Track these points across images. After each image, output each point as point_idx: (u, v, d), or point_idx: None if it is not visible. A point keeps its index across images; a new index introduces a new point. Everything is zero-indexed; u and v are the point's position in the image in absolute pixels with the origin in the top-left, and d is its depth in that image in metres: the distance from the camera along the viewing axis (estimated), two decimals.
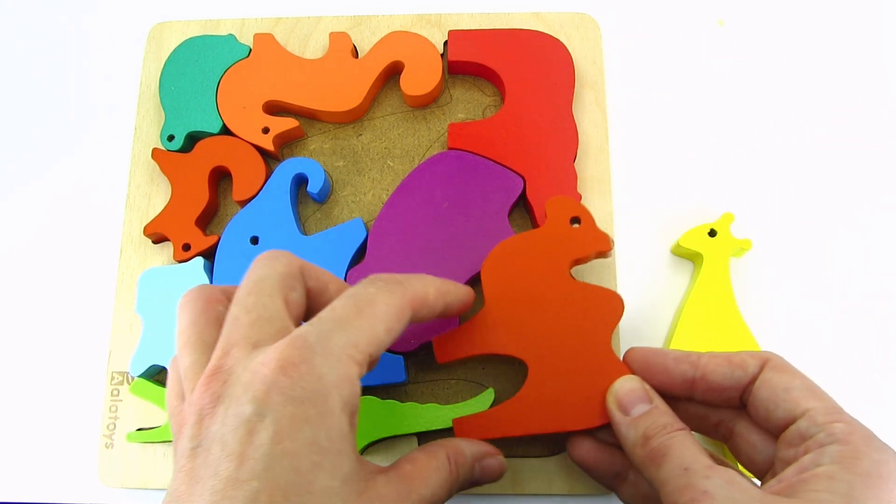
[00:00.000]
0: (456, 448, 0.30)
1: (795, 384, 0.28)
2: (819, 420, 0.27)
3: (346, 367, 0.25)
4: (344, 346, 0.25)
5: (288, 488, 0.22)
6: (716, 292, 0.39)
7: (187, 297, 0.29)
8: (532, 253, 0.36)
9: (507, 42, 0.43)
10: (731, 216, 0.40)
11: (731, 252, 0.40)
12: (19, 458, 0.41)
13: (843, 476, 0.25)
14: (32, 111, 0.47)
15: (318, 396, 0.24)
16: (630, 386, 0.31)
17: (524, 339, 0.35)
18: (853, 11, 0.47)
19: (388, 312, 0.27)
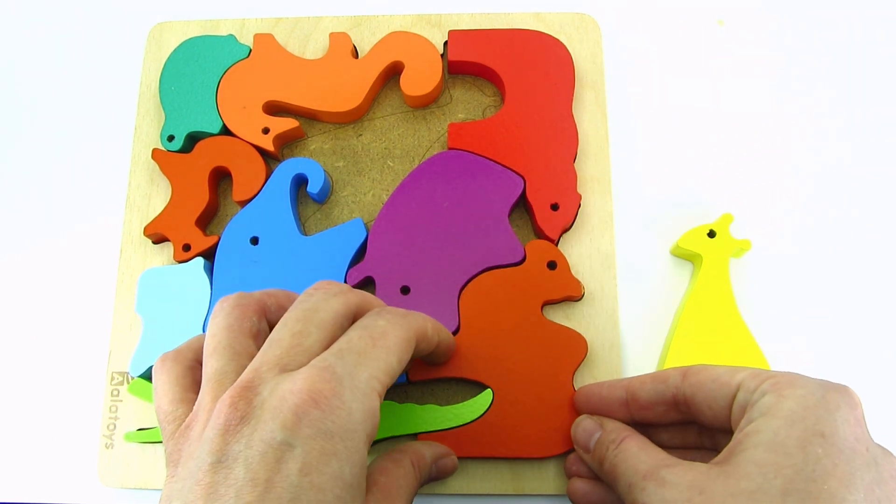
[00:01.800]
0: (417, 453, 0.32)
1: (719, 372, 0.29)
2: (750, 385, 0.27)
3: (371, 400, 0.25)
4: (368, 380, 0.26)
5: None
6: (715, 293, 0.39)
7: (225, 302, 0.29)
8: (509, 289, 0.39)
9: (507, 42, 0.43)
10: (731, 217, 0.40)
11: (731, 253, 0.40)
12: (19, 458, 0.41)
13: (768, 424, 0.25)
14: (33, 111, 0.47)
15: (347, 431, 0.24)
16: (583, 425, 0.34)
17: (492, 368, 0.38)
18: (853, 11, 0.47)
19: (399, 345, 0.28)
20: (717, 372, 0.29)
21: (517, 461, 0.38)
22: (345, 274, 0.40)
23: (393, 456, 0.31)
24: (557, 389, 0.37)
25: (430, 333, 0.31)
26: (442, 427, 0.37)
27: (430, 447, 0.33)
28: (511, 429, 0.37)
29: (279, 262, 0.40)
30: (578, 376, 0.39)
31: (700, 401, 0.29)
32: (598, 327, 0.40)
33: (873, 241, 0.42)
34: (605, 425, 0.33)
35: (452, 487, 0.38)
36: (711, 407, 0.29)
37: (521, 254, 0.39)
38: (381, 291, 0.39)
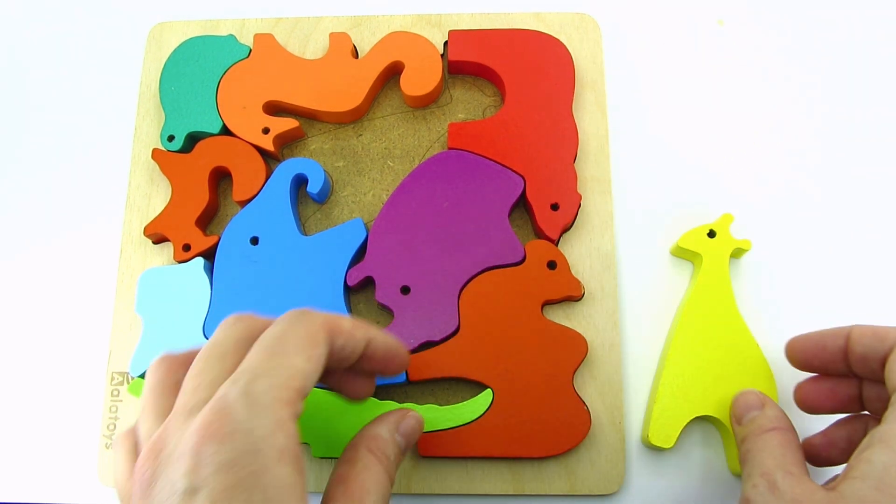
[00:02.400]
0: (372, 436, 0.30)
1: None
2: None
3: (275, 412, 0.24)
4: (268, 391, 0.24)
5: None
6: (715, 293, 0.39)
7: (150, 366, 0.28)
8: (509, 289, 0.39)
9: (507, 42, 0.43)
10: (731, 217, 0.40)
11: (731, 252, 0.39)
12: (19, 458, 0.41)
13: (880, 456, 0.26)
14: (33, 111, 0.47)
15: (248, 455, 0.22)
16: (745, 397, 0.34)
17: (492, 368, 0.38)
18: (853, 11, 0.47)
19: (300, 342, 0.26)
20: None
21: (517, 461, 0.38)
22: (345, 274, 0.40)
23: (348, 453, 0.29)
24: (557, 389, 0.37)
25: (346, 327, 0.28)
26: (442, 427, 0.37)
27: (384, 423, 0.31)
28: (511, 429, 0.37)
29: (279, 262, 0.40)
30: (578, 376, 0.39)
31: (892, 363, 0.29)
32: (598, 327, 0.40)
33: (873, 240, 0.42)
34: (766, 409, 0.33)
35: (452, 487, 0.38)
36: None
37: (521, 254, 0.39)
38: (381, 291, 0.39)
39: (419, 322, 0.38)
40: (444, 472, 0.38)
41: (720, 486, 0.38)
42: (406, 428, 0.31)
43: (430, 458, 0.38)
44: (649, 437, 0.37)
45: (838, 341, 0.32)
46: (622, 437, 0.38)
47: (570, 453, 0.38)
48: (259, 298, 0.39)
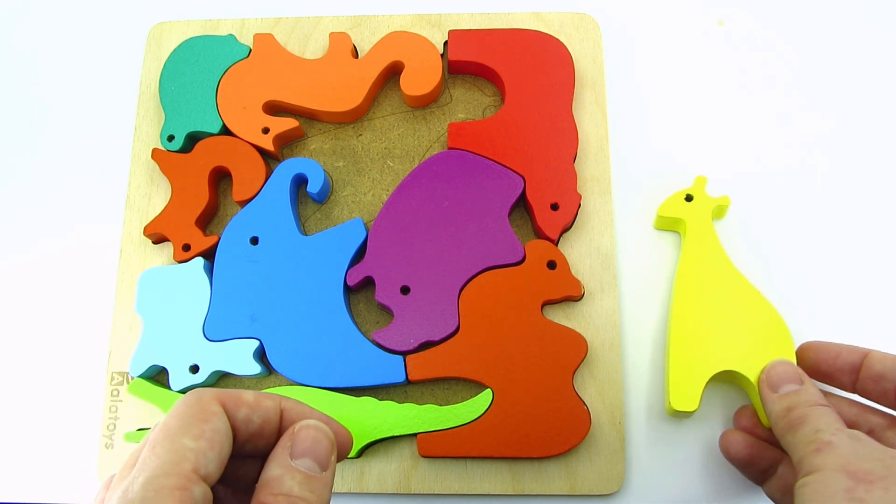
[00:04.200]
0: (262, 485, 0.25)
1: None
2: None
3: (162, 499, 0.22)
4: (148, 487, 0.22)
5: None
6: (705, 252, 0.39)
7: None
8: (509, 289, 0.39)
9: (507, 42, 0.43)
10: (704, 178, 0.40)
11: (712, 212, 0.40)
12: (19, 458, 0.41)
13: None
14: (33, 111, 0.47)
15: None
16: (783, 368, 0.34)
17: (492, 368, 0.38)
18: (853, 11, 0.47)
19: (186, 422, 0.24)
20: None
21: (517, 461, 0.38)
22: (345, 274, 0.40)
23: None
24: (557, 389, 0.37)
25: (248, 398, 0.26)
26: (442, 427, 0.37)
27: (272, 460, 0.25)
28: (511, 429, 0.37)
29: (279, 262, 0.40)
30: (578, 376, 0.39)
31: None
32: (598, 327, 0.40)
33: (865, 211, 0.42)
34: (808, 385, 0.33)
35: (452, 487, 0.38)
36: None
37: (521, 254, 0.39)
38: (380, 291, 0.39)
39: (419, 322, 0.38)
40: (444, 472, 0.38)
41: (721, 486, 0.38)
42: (305, 444, 0.26)
43: (430, 458, 0.38)
44: (672, 404, 0.36)
45: (853, 357, 0.33)
46: (622, 437, 0.38)
47: (570, 453, 0.38)
48: (259, 298, 0.39)
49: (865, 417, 0.34)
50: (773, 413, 0.33)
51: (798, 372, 0.34)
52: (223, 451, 0.24)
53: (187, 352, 0.39)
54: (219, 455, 0.24)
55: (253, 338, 0.39)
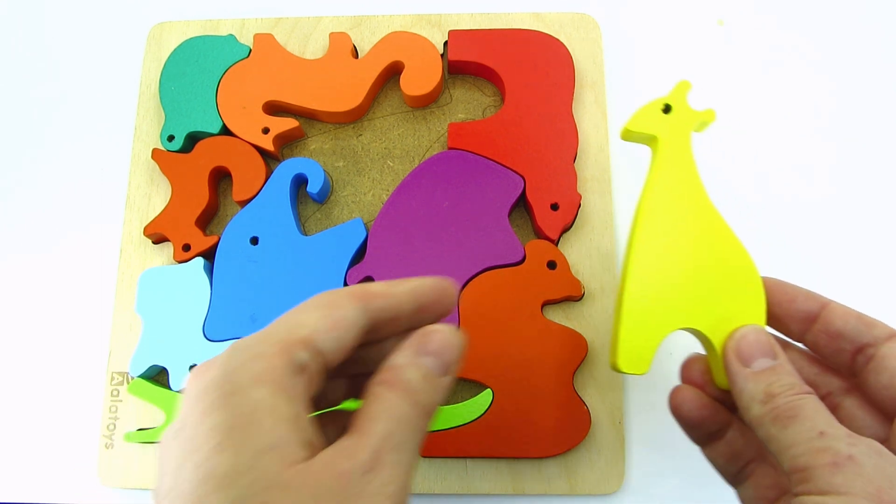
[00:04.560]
0: (385, 368, 0.25)
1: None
2: None
3: (255, 349, 0.23)
4: (255, 338, 0.24)
5: (186, 485, 0.21)
6: (678, 180, 0.31)
7: None
8: (509, 289, 0.39)
9: (507, 42, 0.43)
10: (688, 84, 0.32)
11: (692, 127, 0.32)
12: (19, 458, 0.41)
13: None
14: (33, 111, 0.47)
15: (215, 384, 0.22)
16: (755, 337, 0.29)
17: (492, 368, 0.37)
18: (853, 11, 0.47)
19: (316, 305, 0.25)
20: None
21: (517, 461, 0.38)
22: (345, 274, 0.40)
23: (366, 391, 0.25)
24: (557, 389, 0.37)
25: (379, 289, 0.26)
26: (442, 427, 0.37)
27: (400, 349, 0.26)
28: (511, 429, 0.37)
29: (279, 262, 0.40)
30: (578, 376, 0.39)
31: (887, 367, 0.27)
32: (598, 327, 0.40)
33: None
34: (781, 357, 0.28)
35: (452, 487, 0.38)
36: (888, 383, 0.27)
37: (521, 254, 0.40)
38: None
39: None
40: (444, 472, 0.38)
41: (720, 486, 0.38)
42: (433, 346, 0.26)
43: (430, 458, 0.38)
44: (618, 363, 0.30)
45: (810, 304, 0.29)
46: (622, 437, 0.38)
47: (570, 453, 0.38)
48: (259, 298, 0.39)
49: (825, 379, 0.30)
50: (747, 393, 0.27)
51: (772, 342, 0.29)
52: (345, 337, 0.24)
53: (187, 352, 0.39)
54: (339, 339, 0.24)
55: None
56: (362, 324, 0.25)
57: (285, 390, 0.22)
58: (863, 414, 0.29)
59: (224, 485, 0.20)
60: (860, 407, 0.29)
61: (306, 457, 0.21)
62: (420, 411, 0.24)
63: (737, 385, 0.28)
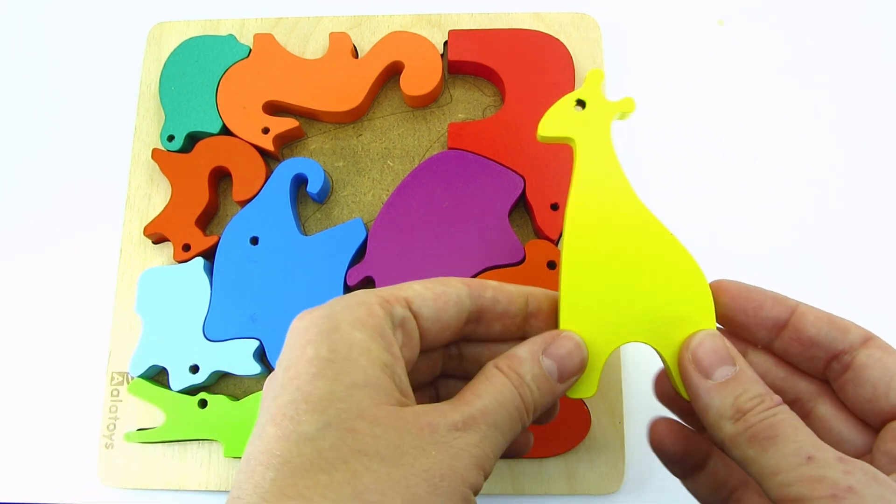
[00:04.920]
0: (507, 355, 0.25)
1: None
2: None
3: (359, 298, 0.24)
4: (361, 293, 0.25)
5: (288, 407, 0.22)
6: (602, 182, 0.28)
7: None
8: None
9: (507, 42, 0.43)
10: (600, 73, 0.29)
11: (610, 120, 0.29)
12: (19, 458, 0.41)
13: None
14: (33, 111, 0.47)
15: (316, 322, 0.24)
16: (711, 344, 0.26)
17: None
18: (853, 11, 0.47)
19: (424, 281, 0.26)
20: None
21: (517, 461, 0.38)
22: (345, 274, 0.40)
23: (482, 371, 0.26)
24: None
25: (493, 283, 0.27)
26: None
27: (526, 343, 0.26)
28: None
29: (279, 262, 0.40)
30: None
31: (868, 377, 0.25)
32: None
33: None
34: (740, 363, 0.26)
35: None
36: (876, 393, 0.25)
37: (521, 254, 0.39)
38: None
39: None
40: None
41: None
42: (559, 350, 0.26)
43: None
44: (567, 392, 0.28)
45: (778, 311, 0.27)
46: (622, 437, 0.38)
47: (570, 453, 0.38)
48: (259, 298, 0.39)
49: (793, 383, 0.28)
50: (714, 410, 0.25)
51: (729, 348, 0.26)
52: (446, 311, 0.26)
53: (187, 352, 0.39)
54: (439, 310, 0.25)
55: (253, 338, 0.39)
56: (468, 306, 0.26)
57: (383, 337, 0.24)
58: (839, 423, 0.27)
59: (319, 408, 0.22)
60: (835, 414, 0.27)
61: (397, 402, 0.23)
62: (523, 406, 0.24)
63: (701, 400, 0.26)
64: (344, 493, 0.20)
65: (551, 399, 0.26)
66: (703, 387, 0.25)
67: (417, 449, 0.21)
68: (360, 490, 0.20)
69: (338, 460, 0.21)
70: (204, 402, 0.39)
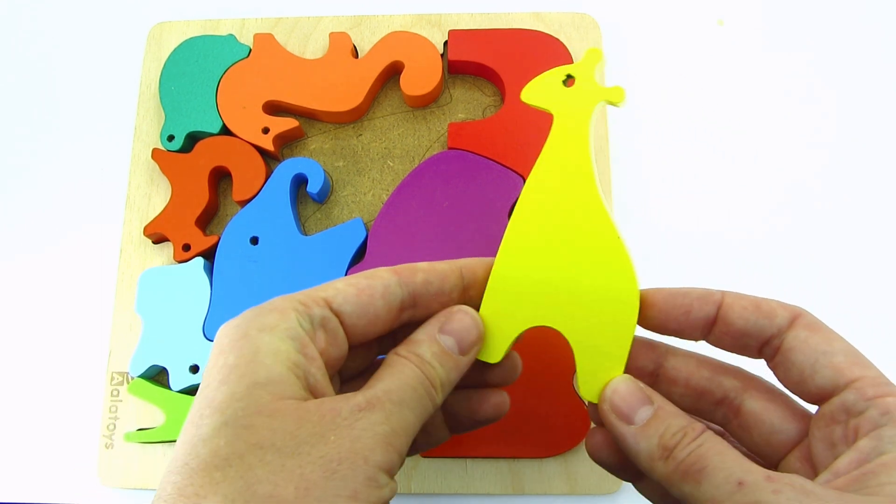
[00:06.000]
0: (405, 342, 0.26)
1: (836, 348, 0.25)
2: (868, 393, 0.23)
3: (274, 304, 0.25)
4: (261, 307, 0.25)
5: (194, 414, 0.23)
6: (566, 164, 0.27)
7: None
8: None
9: (507, 42, 0.43)
10: (598, 53, 0.28)
11: (593, 108, 0.28)
12: (19, 458, 0.41)
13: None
14: (33, 111, 0.47)
15: (228, 331, 0.25)
16: (626, 388, 0.26)
17: None
18: (853, 11, 0.47)
19: (350, 277, 0.26)
20: (833, 345, 0.25)
21: (517, 461, 0.38)
22: (345, 274, 0.40)
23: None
24: (557, 389, 0.37)
25: (422, 266, 0.27)
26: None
27: (423, 326, 0.27)
28: (511, 429, 0.37)
29: (279, 262, 0.40)
30: None
31: (795, 361, 0.25)
32: None
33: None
34: (662, 403, 0.26)
35: (452, 487, 0.38)
36: (802, 376, 0.25)
37: None
38: None
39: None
40: (444, 472, 0.38)
41: None
42: (454, 325, 0.26)
43: (430, 458, 0.38)
44: None
45: (706, 309, 0.27)
46: None
47: (570, 453, 0.38)
48: (259, 298, 0.39)
49: (718, 382, 0.28)
50: (644, 454, 0.25)
51: (641, 387, 0.26)
52: (372, 304, 0.25)
53: (187, 352, 0.39)
54: (364, 305, 0.25)
55: None
56: (399, 295, 0.26)
57: (293, 339, 0.24)
58: (769, 414, 0.27)
59: (218, 410, 0.22)
60: (764, 406, 0.27)
61: (303, 397, 0.23)
62: (428, 383, 0.25)
63: (630, 448, 0.26)
64: (236, 487, 0.21)
65: (458, 372, 0.26)
66: (629, 433, 0.26)
67: (316, 436, 0.22)
68: (251, 483, 0.21)
69: (232, 456, 0.21)
70: None
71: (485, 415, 0.29)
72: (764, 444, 0.27)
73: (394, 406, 0.23)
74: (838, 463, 0.23)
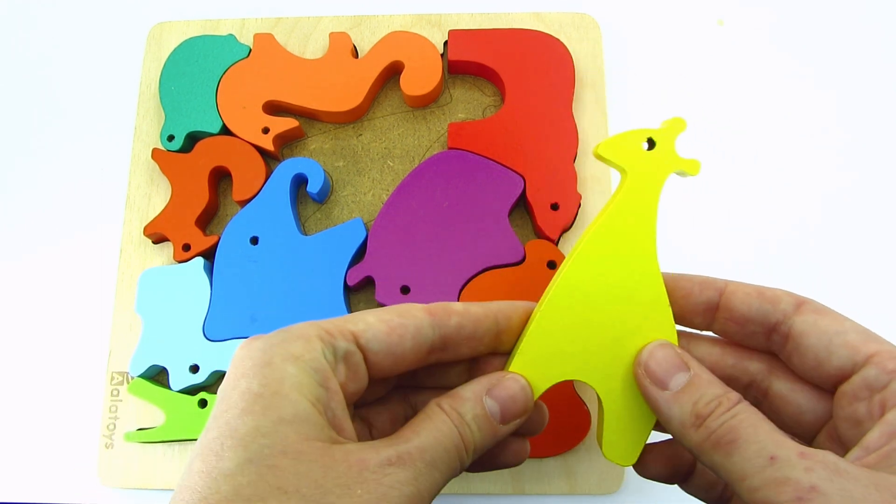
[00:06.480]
0: (450, 394, 0.25)
1: (847, 327, 0.25)
2: (889, 367, 0.23)
3: (300, 331, 0.24)
4: (288, 329, 0.24)
5: (214, 441, 0.22)
6: (633, 226, 0.28)
7: None
8: (509, 289, 0.38)
9: (507, 42, 0.43)
10: (682, 123, 0.27)
11: (669, 173, 0.28)
12: (19, 458, 0.41)
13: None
14: (33, 111, 0.47)
15: (252, 354, 0.23)
16: (663, 353, 0.26)
17: None
18: (853, 11, 0.47)
19: (382, 310, 0.25)
20: (844, 325, 0.25)
21: None
22: (345, 274, 0.40)
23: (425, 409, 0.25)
24: (557, 389, 0.37)
25: (458, 308, 0.26)
26: None
27: (470, 383, 0.26)
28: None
29: (279, 262, 0.40)
30: None
31: (808, 345, 0.25)
32: None
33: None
34: (694, 367, 0.25)
35: (452, 488, 0.38)
36: (818, 359, 0.25)
37: (521, 254, 0.40)
38: (381, 291, 0.39)
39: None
40: None
41: None
42: (502, 392, 0.26)
43: None
44: None
45: (707, 294, 0.27)
46: None
47: (570, 453, 0.38)
48: (259, 298, 0.39)
49: (745, 365, 0.28)
50: (676, 420, 0.25)
51: (679, 353, 0.26)
52: (401, 344, 0.25)
53: (187, 352, 0.39)
54: (392, 344, 0.25)
55: None
56: (430, 337, 0.25)
57: (317, 371, 0.23)
58: (796, 395, 0.27)
59: (242, 444, 0.21)
60: (790, 387, 0.27)
61: (328, 439, 0.22)
62: (462, 444, 0.24)
63: (662, 413, 0.26)
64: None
65: (492, 440, 0.25)
66: (662, 398, 0.25)
67: (342, 487, 0.21)
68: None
69: (255, 497, 0.20)
70: (204, 402, 0.39)
71: (504, 462, 0.28)
72: (794, 424, 0.27)
73: (425, 466, 0.23)
74: (868, 437, 0.23)
